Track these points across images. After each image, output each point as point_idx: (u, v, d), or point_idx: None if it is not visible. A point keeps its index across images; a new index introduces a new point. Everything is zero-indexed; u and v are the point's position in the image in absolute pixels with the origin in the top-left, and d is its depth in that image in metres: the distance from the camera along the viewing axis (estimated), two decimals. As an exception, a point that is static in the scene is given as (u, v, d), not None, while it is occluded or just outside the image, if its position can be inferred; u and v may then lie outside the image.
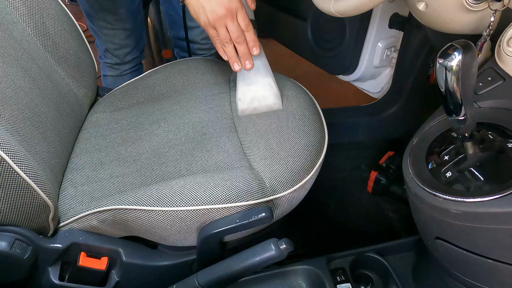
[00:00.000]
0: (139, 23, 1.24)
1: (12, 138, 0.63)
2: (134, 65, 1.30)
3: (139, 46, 1.28)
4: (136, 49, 1.26)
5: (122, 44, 1.21)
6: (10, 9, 0.81)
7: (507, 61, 0.63)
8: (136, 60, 1.30)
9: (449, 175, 0.59)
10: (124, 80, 1.12)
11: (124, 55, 1.24)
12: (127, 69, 1.29)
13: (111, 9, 1.12)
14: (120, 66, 1.27)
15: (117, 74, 1.28)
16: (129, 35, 1.21)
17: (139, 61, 1.32)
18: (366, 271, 0.84)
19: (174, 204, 0.66)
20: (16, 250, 0.63)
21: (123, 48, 1.22)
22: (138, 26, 1.23)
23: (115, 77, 1.29)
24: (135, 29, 1.22)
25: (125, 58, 1.25)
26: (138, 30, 1.24)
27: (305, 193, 0.78)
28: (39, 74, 0.81)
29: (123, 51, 1.23)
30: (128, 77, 1.29)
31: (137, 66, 1.33)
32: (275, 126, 0.80)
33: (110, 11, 1.12)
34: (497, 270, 0.60)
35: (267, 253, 0.63)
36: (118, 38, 1.19)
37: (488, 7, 0.63)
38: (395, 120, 1.28)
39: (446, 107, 0.54)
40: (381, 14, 1.11)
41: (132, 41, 1.23)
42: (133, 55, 1.26)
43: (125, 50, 1.23)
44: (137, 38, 1.25)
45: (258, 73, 0.82)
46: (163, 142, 0.82)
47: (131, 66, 1.29)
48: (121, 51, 1.23)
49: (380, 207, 1.21)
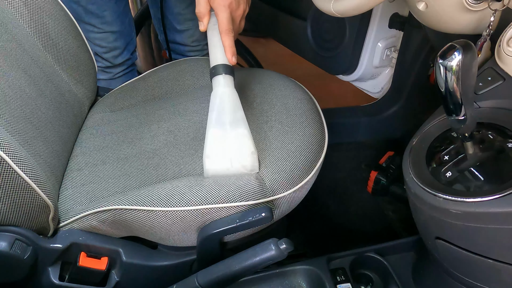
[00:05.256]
0: (127, 25, 1.22)
1: (12, 138, 0.63)
2: (126, 67, 1.28)
3: (129, 48, 1.26)
4: (126, 51, 1.25)
5: (111, 47, 1.19)
6: (10, 9, 0.81)
7: (507, 61, 0.63)
8: (127, 62, 1.28)
9: (449, 175, 0.59)
10: (117, 83, 1.11)
11: (114, 58, 1.23)
12: (119, 72, 1.27)
13: (96, 13, 1.11)
14: (111, 69, 1.25)
15: (109, 77, 1.27)
16: (117, 37, 1.19)
17: (131, 63, 1.30)
18: (366, 271, 0.84)
19: (174, 204, 0.66)
20: (16, 250, 0.63)
21: (112, 51, 1.21)
22: (126, 28, 1.22)
23: (107, 80, 1.27)
24: (123, 31, 1.20)
25: (115, 60, 1.23)
26: (126, 32, 1.22)
27: (305, 193, 0.78)
28: (39, 74, 0.81)
29: (112, 54, 1.21)
30: (121, 79, 1.27)
31: (130, 68, 1.31)
32: (275, 127, 0.80)
33: (95, 15, 1.11)
34: (497, 270, 0.60)
35: (267, 253, 0.63)
36: (106, 41, 1.18)
37: (488, 7, 0.63)
38: (395, 120, 1.28)
39: (446, 107, 0.54)
40: (381, 14, 1.11)
41: (121, 44, 1.21)
42: (123, 58, 1.25)
43: (115, 53, 1.22)
44: (126, 40, 1.23)
45: (233, 127, 0.71)
46: (163, 142, 0.82)
47: (123, 69, 1.27)
48: (111, 54, 1.21)
49: (380, 207, 1.21)
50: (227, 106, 0.73)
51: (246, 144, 0.70)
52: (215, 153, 0.70)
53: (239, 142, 0.70)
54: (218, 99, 0.74)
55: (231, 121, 0.71)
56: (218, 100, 0.74)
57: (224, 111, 0.72)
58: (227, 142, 0.70)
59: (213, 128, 0.71)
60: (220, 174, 0.70)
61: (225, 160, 0.70)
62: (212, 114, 0.73)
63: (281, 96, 0.86)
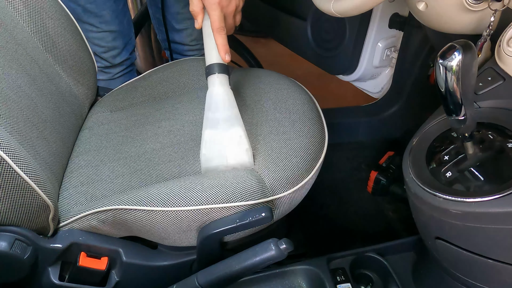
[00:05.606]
0: (125, 25, 1.21)
1: (12, 138, 0.63)
2: (125, 67, 1.28)
3: (128, 48, 1.25)
4: (125, 51, 1.24)
5: (110, 46, 1.19)
6: (10, 9, 0.81)
7: (507, 61, 0.63)
8: (126, 62, 1.27)
9: (449, 175, 0.59)
10: (117, 83, 1.11)
11: (113, 58, 1.22)
12: (119, 72, 1.27)
13: (95, 12, 1.11)
14: (110, 69, 1.25)
15: (108, 78, 1.26)
16: (116, 37, 1.19)
17: (129, 63, 1.30)
18: (366, 271, 0.84)
19: (174, 204, 0.66)
20: (16, 250, 0.63)
21: (111, 51, 1.20)
22: (125, 28, 1.21)
23: (107, 80, 1.27)
24: (122, 31, 1.20)
25: (114, 60, 1.23)
26: (125, 31, 1.22)
27: (305, 193, 0.78)
28: (39, 74, 0.81)
29: (111, 54, 1.21)
30: (120, 80, 1.27)
31: (129, 68, 1.31)
32: (275, 126, 0.80)
33: (94, 14, 1.11)
34: (497, 270, 0.60)
35: (267, 253, 0.63)
36: (105, 40, 1.18)
37: (488, 7, 0.63)
38: (395, 120, 1.28)
39: (446, 107, 0.54)
40: (381, 14, 1.11)
41: (120, 43, 1.21)
42: (122, 57, 1.24)
43: (113, 53, 1.21)
44: (125, 40, 1.23)
45: (228, 125, 0.73)
46: (163, 142, 0.82)
47: (122, 69, 1.27)
48: (109, 54, 1.20)
49: (380, 207, 1.21)
50: (221, 105, 0.75)
51: (240, 142, 0.72)
52: (211, 151, 0.72)
53: (234, 140, 0.72)
54: (213, 98, 0.76)
55: (226, 120, 0.73)
56: (213, 99, 0.76)
57: (218, 110, 0.75)
58: (222, 140, 0.72)
59: (209, 127, 0.73)
60: (217, 171, 0.72)
61: (221, 158, 0.72)
62: (207, 113, 0.75)
63: (281, 96, 0.86)
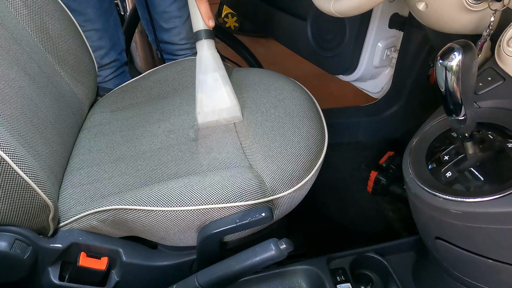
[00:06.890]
0: (112, 24, 1.21)
1: (12, 138, 0.63)
2: (115, 69, 1.27)
3: (116, 48, 1.25)
4: (113, 51, 1.24)
5: (96, 46, 1.18)
6: (10, 9, 0.81)
7: (507, 61, 0.63)
8: (115, 64, 1.27)
9: (449, 175, 0.59)
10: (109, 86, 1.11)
11: (101, 58, 1.21)
12: (109, 75, 1.26)
13: (78, 10, 1.10)
14: (100, 71, 1.23)
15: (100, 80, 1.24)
16: (102, 36, 1.18)
17: (119, 64, 1.28)
18: (366, 271, 0.84)
19: (174, 204, 0.66)
20: (16, 250, 0.63)
21: (98, 50, 1.19)
22: (111, 27, 1.21)
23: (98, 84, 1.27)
24: (108, 30, 1.20)
25: (102, 60, 1.22)
26: (111, 30, 1.21)
27: (305, 193, 0.78)
28: (39, 74, 0.81)
29: (98, 54, 1.19)
30: (112, 82, 1.25)
31: (120, 70, 1.30)
32: (275, 126, 0.80)
33: (78, 12, 1.10)
34: (497, 270, 0.60)
35: (267, 253, 0.63)
36: (90, 40, 1.16)
37: (488, 7, 0.63)
38: (395, 120, 1.28)
39: (446, 107, 0.54)
40: (381, 14, 1.11)
41: (106, 43, 1.20)
42: (110, 58, 1.24)
43: (101, 52, 1.20)
44: (112, 40, 1.22)
45: (217, 84, 0.83)
46: (163, 142, 0.82)
47: (112, 71, 1.26)
48: (97, 54, 1.18)
49: (380, 207, 1.21)
50: (210, 67, 0.84)
51: (229, 98, 0.82)
52: (205, 109, 0.82)
53: (224, 97, 0.82)
54: (202, 61, 0.84)
55: (215, 80, 0.83)
56: (202, 62, 0.84)
57: (208, 71, 0.83)
58: (214, 98, 0.82)
59: (200, 87, 0.83)
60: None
61: (213, 114, 0.82)
62: (198, 75, 0.84)
63: (281, 96, 0.86)
